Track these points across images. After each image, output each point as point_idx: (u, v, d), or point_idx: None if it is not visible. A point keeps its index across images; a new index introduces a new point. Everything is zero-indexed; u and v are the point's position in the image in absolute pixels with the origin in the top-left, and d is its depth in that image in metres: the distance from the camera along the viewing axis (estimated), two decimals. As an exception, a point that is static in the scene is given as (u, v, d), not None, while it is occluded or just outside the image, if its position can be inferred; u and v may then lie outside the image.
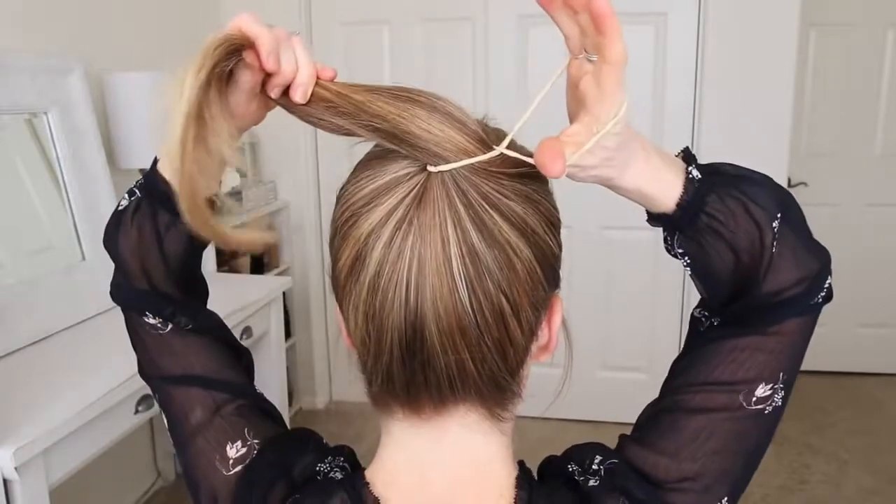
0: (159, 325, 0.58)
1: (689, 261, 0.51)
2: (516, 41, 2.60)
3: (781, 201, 0.50)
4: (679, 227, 0.50)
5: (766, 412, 0.50)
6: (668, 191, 0.48)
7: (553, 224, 0.47)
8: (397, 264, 0.43)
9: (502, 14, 2.59)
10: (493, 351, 0.45)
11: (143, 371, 0.61)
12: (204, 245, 0.59)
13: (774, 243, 0.48)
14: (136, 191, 0.57)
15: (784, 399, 0.51)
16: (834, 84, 3.01)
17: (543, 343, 0.50)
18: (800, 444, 2.66)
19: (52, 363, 1.48)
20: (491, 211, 0.43)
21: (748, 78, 2.47)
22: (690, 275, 0.53)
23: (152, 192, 0.56)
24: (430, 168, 0.44)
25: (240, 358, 0.62)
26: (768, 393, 0.50)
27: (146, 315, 0.58)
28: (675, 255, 0.52)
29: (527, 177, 0.45)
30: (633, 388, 2.70)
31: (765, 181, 0.51)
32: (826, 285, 0.51)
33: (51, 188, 1.75)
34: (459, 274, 0.42)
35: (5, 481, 1.17)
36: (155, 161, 0.56)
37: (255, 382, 0.62)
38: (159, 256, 0.57)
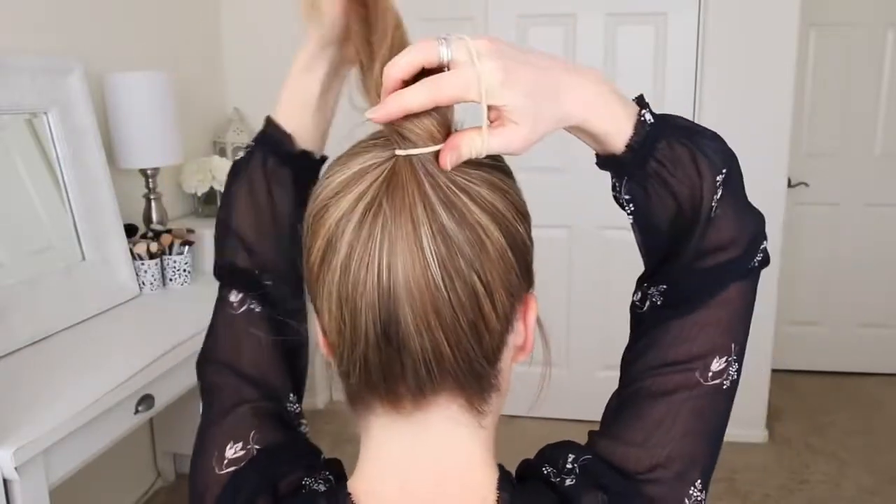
0: (236, 304, 0.62)
1: (633, 208, 0.52)
2: (516, 41, 2.60)
3: (728, 158, 0.50)
4: (628, 172, 0.50)
5: (724, 387, 0.51)
6: (618, 129, 0.49)
7: (522, 214, 0.47)
8: (368, 244, 0.43)
9: (502, 14, 2.60)
10: (468, 333, 0.44)
11: (202, 354, 0.63)
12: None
13: (716, 198, 0.49)
14: (251, 143, 0.65)
15: (738, 372, 0.51)
16: (834, 84, 3.01)
17: (520, 342, 0.50)
18: (800, 444, 2.66)
19: (52, 363, 1.48)
20: (459, 193, 0.44)
21: (748, 78, 2.47)
22: (632, 223, 0.53)
23: (264, 139, 0.64)
24: (398, 151, 0.45)
25: (295, 360, 0.64)
26: (723, 366, 0.50)
27: (232, 293, 0.62)
28: (620, 204, 0.53)
29: (489, 167, 0.46)
30: (633, 388, 2.68)
31: (715, 137, 0.51)
32: (762, 247, 0.52)
33: (51, 188, 1.75)
34: (431, 253, 0.42)
35: (5, 481, 1.17)
36: (268, 119, 0.65)
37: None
38: (268, 201, 0.63)
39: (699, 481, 0.50)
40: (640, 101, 0.51)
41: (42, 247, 1.71)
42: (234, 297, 0.62)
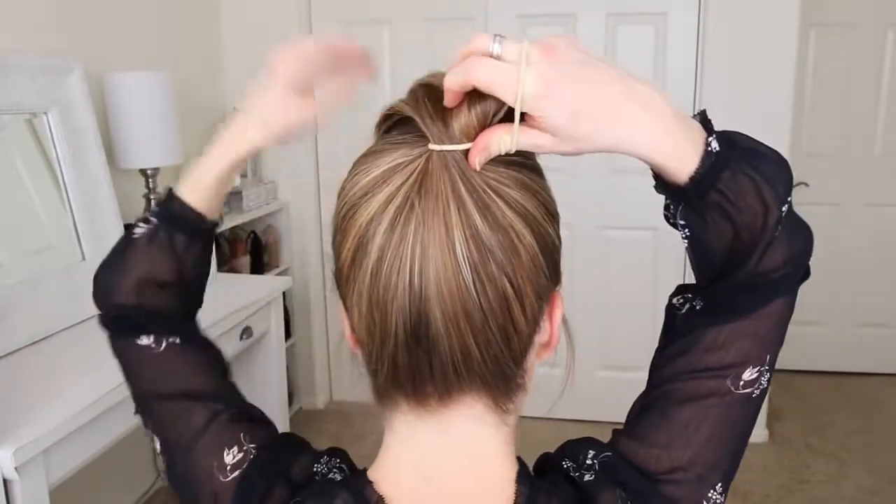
0: (153, 345, 0.60)
1: (688, 233, 0.51)
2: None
3: (790, 183, 0.49)
4: (686, 200, 0.49)
5: (754, 396, 0.50)
6: (684, 161, 0.47)
7: (551, 214, 0.47)
8: (400, 248, 0.43)
9: (502, 14, 2.60)
10: (498, 336, 0.45)
11: (138, 394, 0.62)
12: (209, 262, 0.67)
13: (779, 225, 0.48)
14: (152, 219, 0.63)
15: (769, 381, 0.51)
16: (834, 84, 3.01)
17: (545, 340, 0.50)
18: (800, 444, 2.66)
19: (52, 363, 1.49)
20: (493, 196, 0.44)
21: (748, 78, 2.48)
22: (686, 247, 0.52)
23: (169, 218, 0.63)
24: (432, 146, 0.44)
25: (222, 362, 0.63)
26: (755, 376, 0.50)
27: (140, 338, 0.61)
28: (673, 225, 0.52)
29: (520, 165, 0.46)
30: (633, 388, 2.64)
31: (776, 158, 0.50)
32: (807, 263, 0.51)
33: (51, 188, 1.75)
34: (463, 257, 0.42)
35: (5, 481, 1.17)
36: (169, 192, 0.64)
37: (255, 382, 0.64)
38: (176, 277, 0.63)
39: (720, 485, 0.50)
40: (704, 120, 0.49)
41: (42, 247, 1.71)
42: (146, 340, 0.60)
